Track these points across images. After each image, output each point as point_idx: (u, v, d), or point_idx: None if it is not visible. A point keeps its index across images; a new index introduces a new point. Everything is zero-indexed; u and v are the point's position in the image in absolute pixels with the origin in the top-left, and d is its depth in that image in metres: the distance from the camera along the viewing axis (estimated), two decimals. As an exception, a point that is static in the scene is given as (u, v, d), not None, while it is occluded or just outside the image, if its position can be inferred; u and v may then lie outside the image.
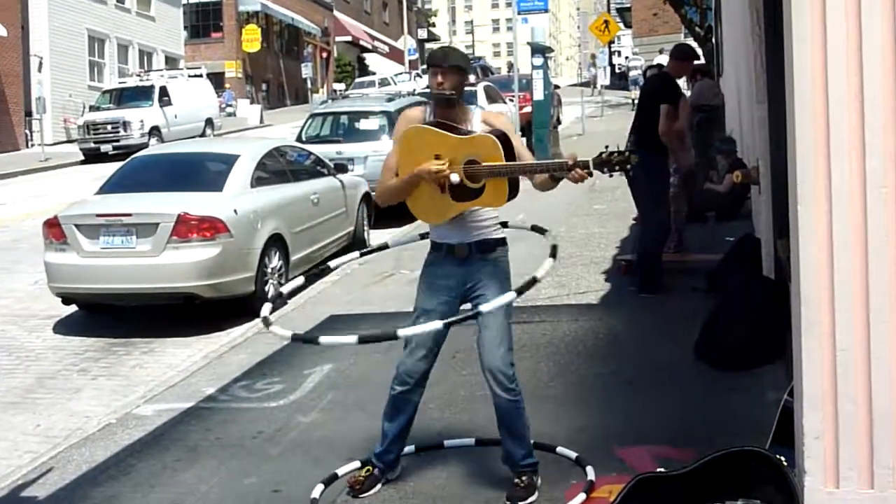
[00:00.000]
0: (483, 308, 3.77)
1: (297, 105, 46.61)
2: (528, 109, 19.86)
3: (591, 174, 3.71)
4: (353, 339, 3.60)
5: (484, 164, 3.87)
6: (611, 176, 3.76)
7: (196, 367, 6.89)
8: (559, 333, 6.78)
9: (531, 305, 7.55)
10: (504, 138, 3.90)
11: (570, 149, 17.03)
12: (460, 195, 3.95)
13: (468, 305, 4.14)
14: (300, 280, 4.59)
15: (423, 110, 4.13)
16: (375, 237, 11.49)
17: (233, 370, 6.67)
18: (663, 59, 15.48)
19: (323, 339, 3.68)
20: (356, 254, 4.56)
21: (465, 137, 3.94)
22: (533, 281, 3.79)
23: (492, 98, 21.19)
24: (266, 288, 8.53)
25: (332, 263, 4.49)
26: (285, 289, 4.56)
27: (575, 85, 43.18)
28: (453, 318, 3.77)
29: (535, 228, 4.36)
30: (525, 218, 4.28)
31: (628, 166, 3.65)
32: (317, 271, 4.67)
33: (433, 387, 4.56)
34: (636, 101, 9.26)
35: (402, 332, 3.70)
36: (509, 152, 3.89)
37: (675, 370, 5.76)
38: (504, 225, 4.22)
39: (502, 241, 4.18)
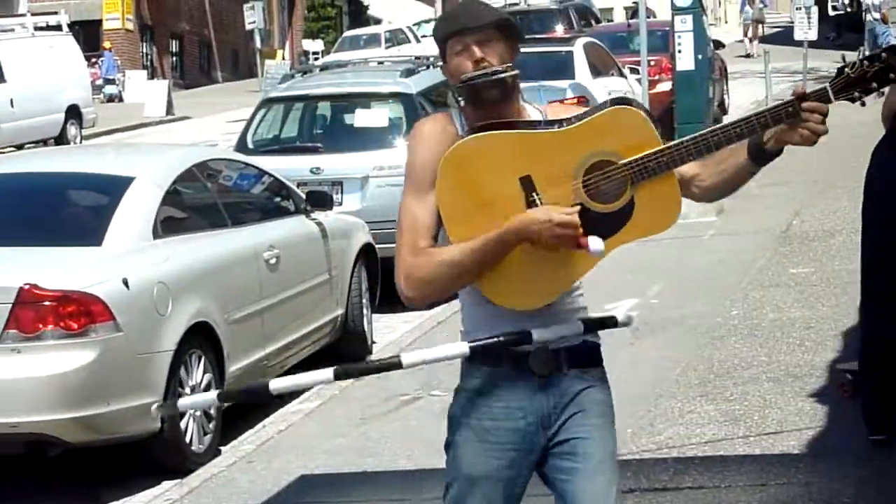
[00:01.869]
0: (536, 336, 4.02)
1: (237, 81, 46.91)
2: (665, 87, 19.94)
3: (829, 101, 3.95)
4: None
5: (627, 160, 4.00)
6: (863, 104, 4.06)
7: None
8: (731, 511, 6.78)
9: (674, 456, 7.53)
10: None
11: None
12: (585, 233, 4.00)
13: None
14: (328, 374, 4.24)
15: (449, 118, 4.22)
16: (384, 325, 11.52)
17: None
18: None
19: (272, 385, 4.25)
20: None
21: (576, 127, 4.04)
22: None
23: (598, 67, 21.16)
24: (185, 424, 8.53)
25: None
26: (278, 384, 4.29)
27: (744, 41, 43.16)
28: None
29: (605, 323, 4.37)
30: (635, 308, 4.43)
31: (892, 74, 3.92)
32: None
33: None
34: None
35: (407, 359, 4.12)
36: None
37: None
38: None
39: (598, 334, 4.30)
